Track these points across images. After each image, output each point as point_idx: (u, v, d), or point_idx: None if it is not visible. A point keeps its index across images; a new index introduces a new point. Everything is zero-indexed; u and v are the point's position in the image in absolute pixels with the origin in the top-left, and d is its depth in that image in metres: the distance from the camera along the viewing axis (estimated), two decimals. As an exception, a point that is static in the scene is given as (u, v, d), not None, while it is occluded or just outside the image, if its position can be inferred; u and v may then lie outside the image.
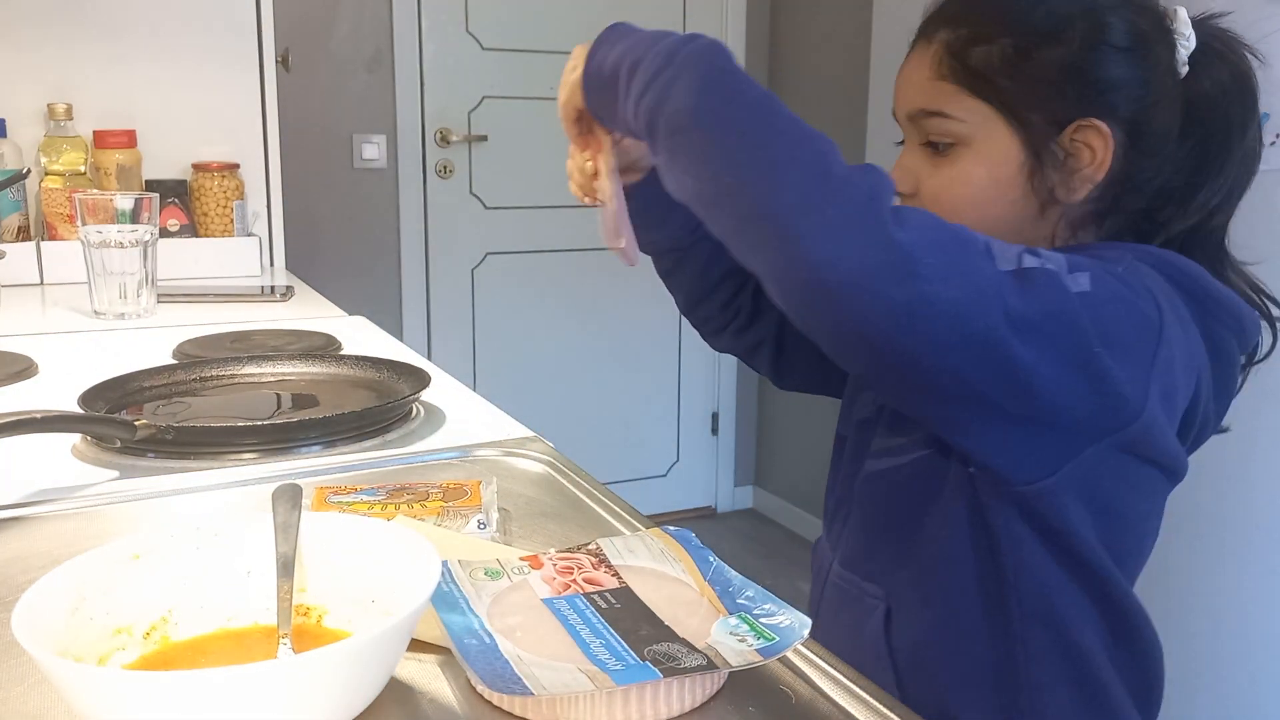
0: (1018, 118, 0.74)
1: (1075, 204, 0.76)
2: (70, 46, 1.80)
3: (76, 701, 0.41)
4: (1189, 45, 0.75)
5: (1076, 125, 0.73)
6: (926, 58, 0.77)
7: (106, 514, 0.71)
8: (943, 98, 0.76)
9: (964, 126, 0.76)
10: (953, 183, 0.77)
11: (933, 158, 0.78)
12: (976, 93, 0.75)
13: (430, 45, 2.83)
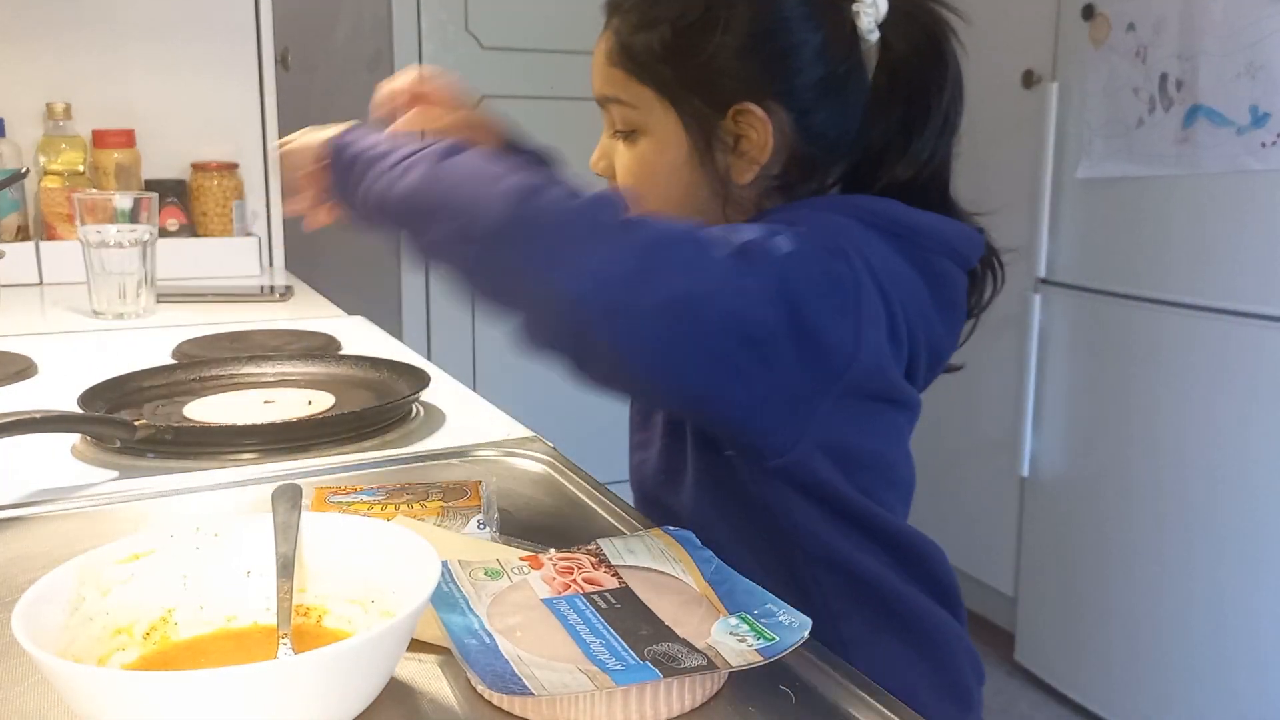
0: (679, 104, 0.76)
1: (749, 185, 0.77)
2: (69, 46, 1.80)
3: (76, 702, 0.41)
4: (874, 12, 0.75)
5: (734, 110, 0.74)
6: (603, 43, 0.79)
7: (106, 514, 0.71)
8: (616, 84, 0.78)
9: (636, 113, 0.77)
10: (633, 166, 0.79)
11: (621, 141, 0.80)
12: (641, 79, 0.76)
13: (430, 45, 2.83)
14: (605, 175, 0.82)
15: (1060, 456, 2.16)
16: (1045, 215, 2.14)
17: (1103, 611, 2.05)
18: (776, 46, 0.74)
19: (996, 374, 2.32)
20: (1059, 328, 2.15)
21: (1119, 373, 2.00)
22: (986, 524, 2.39)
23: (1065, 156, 2.10)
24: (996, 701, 2.24)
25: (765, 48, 0.74)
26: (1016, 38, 2.22)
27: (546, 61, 2.95)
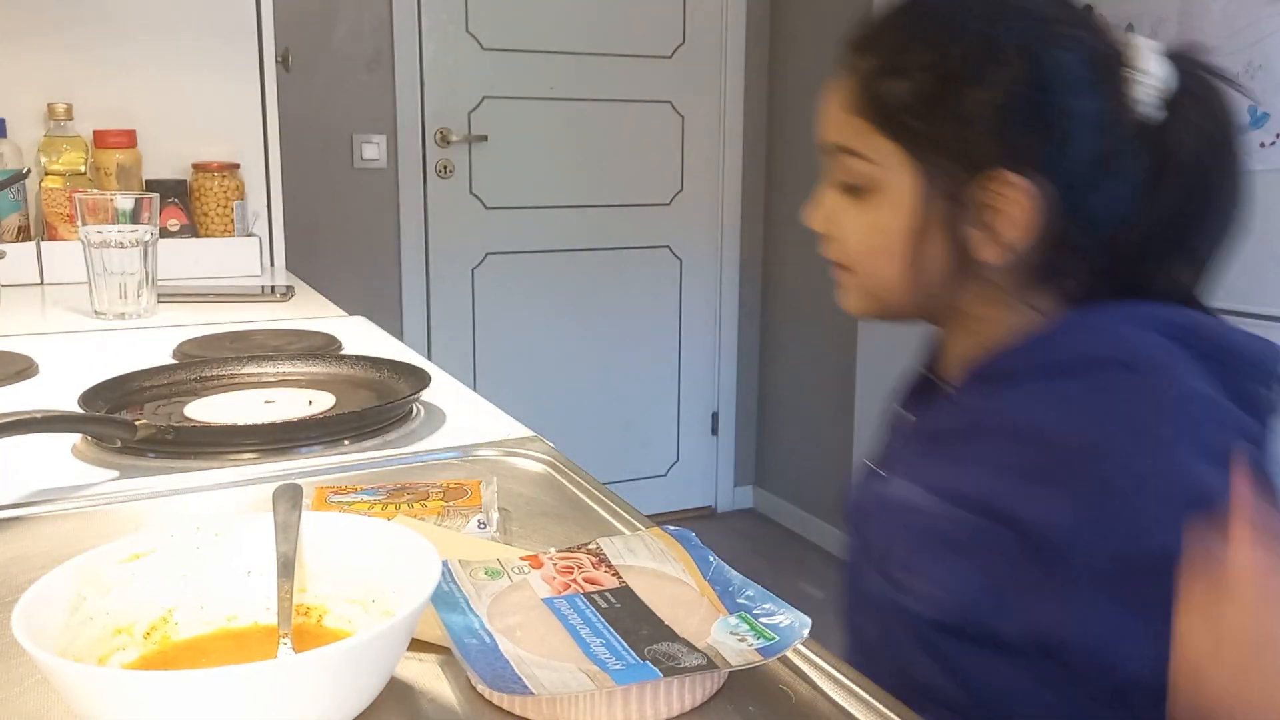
0: (927, 164, 0.67)
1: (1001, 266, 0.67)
2: (70, 46, 1.80)
3: (76, 701, 0.41)
4: (1153, 83, 0.66)
5: (989, 176, 0.65)
6: (842, 88, 0.71)
7: (106, 514, 0.71)
8: (854, 134, 0.69)
9: (873, 169, 0.69)
10: (864, 229, 0.71)
11: (845, 198, 0.72)
12: (886, 132, 0.68)
13: (430, 45, 2.83)
14: (824, 233, 0.74)
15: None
16: (1045, 215, 2.13)
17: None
18: (1051, 108, 0.64)
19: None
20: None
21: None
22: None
23: (1065, 157, 2.09)
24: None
25: (1036, 109, 0.64)
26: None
27: (546, 61, 2.96)
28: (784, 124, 3.19)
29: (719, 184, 3.23)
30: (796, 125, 3.14)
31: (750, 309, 3.35)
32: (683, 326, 3.28)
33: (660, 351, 3.26)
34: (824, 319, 3.03)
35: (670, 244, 3.21)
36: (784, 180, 3.22)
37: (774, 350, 3.33)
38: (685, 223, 3.21)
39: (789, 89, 3.16)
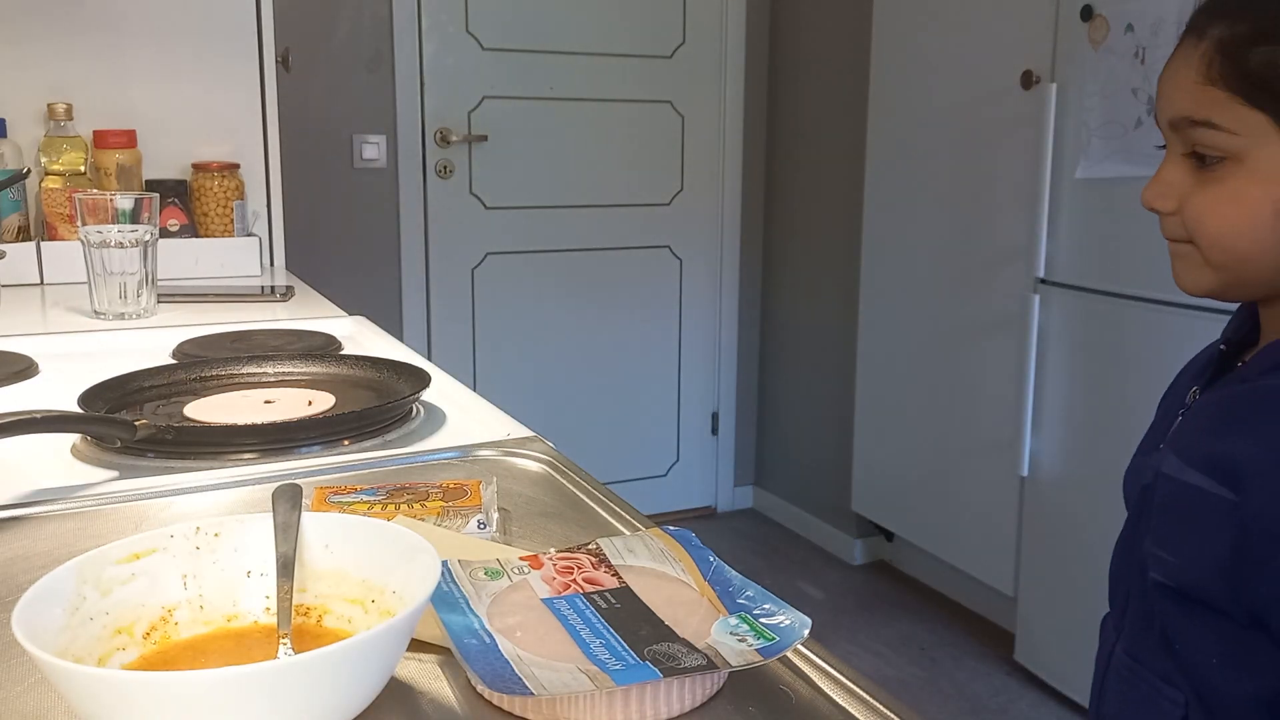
0: None
1: None
2: (70, 47, 1.80)
3: (77, 702, 0.41)
4: None
5: None
6: (1194, 57, 0.67)
7: (106, 514, 0.71)
8: (1212, 105, 0.66)
9: (1236, 140, 0.65)
10: (1220, 203, 0.67)
11: (1198, 171, 0.68)
12: (1253, 101, 0.64)
13: (430, 45, 2.83)
14: (1167, 211, 0.71)
15: (1060, 456, 2.16)
16: (1044, 216, 2.14)
17: (1102, 611, 2.05)
18: None
19: (996, 374, 2.33)
20: (1058, 328, 2.15)
21: (1118, 372, 2.00)
22: (986, 524, 2.39)
23: (1064, 157, 2.10)
24: (996, 701, 2.24)
25: None
26: (1015, 39, 2.22)
27: (546, 61, 2.96)
28: (784, 124, 3.19)
29: (719, 184, 3.23)
30: (797, 125, 3.14)
31: (750, 309, 3.35)
32: (683, 326, 3.28)
33: (660, 351, 3.26)
34: (824, 319, 3.03)
35: (670, 244, 3.21)
36: (784, 180, 3.22)
37: (774, 350, 3.33)
38: (685, 223, 3.21)
39: (789, 89, 3.16)
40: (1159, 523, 0.71)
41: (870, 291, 2.73)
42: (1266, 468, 0.63)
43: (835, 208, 2.95)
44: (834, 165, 2.95)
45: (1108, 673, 0.79)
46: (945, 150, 2.44)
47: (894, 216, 2.63)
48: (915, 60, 2.53)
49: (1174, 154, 0.70)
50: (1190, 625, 0.68)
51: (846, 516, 2.97)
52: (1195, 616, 0.67)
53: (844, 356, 2.89)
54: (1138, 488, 0.77)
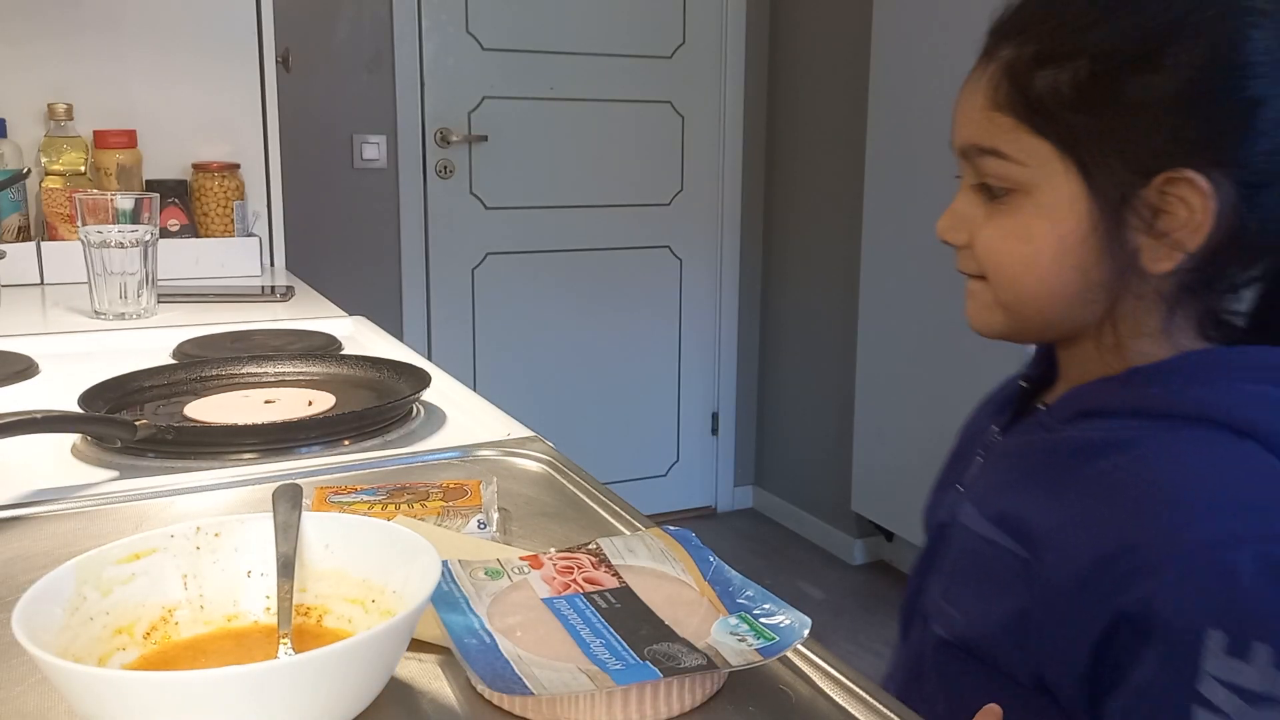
0: (1085, 163, 0.59)
1: (1161, 276, 0.60)
2: (70, 46, 1.80)
3: (77, 702, 0.41)
4: None
5: (1167, 177, 0.58)
6: (983, 81, 0.63)
7: (106, 514, 0.71)
8: (997, 133, 0.62)
9: (1024, 171, 0.61)
10: (1009, 238, 0.63)
11: (987, 204, 0.64)
12: (1038, 130, 0.60)
13: (430, 45, 2.83)
14: (959, 245, 0.67)
15: (1060, 457, 2.15)
16: (1045, 215, 2.13)
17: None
18: (1239, 97, 0.57)
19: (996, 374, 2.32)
20: (1059, 328, 2.14)
21: (1119, 373, 1.99)
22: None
23: (1065, 157, 2.09)
24: (997, 702, 2.24)
25: (1221, 98, 0.56)
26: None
27: (546, 61, 2.96)
28: (784, 124, 3.20)
29: (719, 184, 3.23)
30: (796, 125, 3.14)
31: (750, 309, 3.35)
32: (683, 326, 3.28)
33: (660, 351, 3.26)
34: (824, 319, 3.03)
35: (670, 244, 3.21)
36: (784, 180, 3.22)
37: (774, 350, 3.33)
38: (685, 223, 3.21)
39: (789, 89, 3.16)
40: (951, 574, 0.67)
41: (870, 291, 2.73)
42: (1056, 527, 0.58)
43: (835, 207, 2.95)
44: (834, 165, 2.95)
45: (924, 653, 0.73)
46: (945, 150, 2.43)
47: (894, 216, 2.63)
48: (915, 59, 2.53)
49: (967, 184, 0.66)
50: (975, 684, 0.62)
51: (846, 516, 2.97)
52: (980, 675, 0.62)
53: (844, 357, 2.89)
54: (934, 522, 0.73)
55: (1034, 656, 0.59)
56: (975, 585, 0.64)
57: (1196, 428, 0.58)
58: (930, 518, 0.75)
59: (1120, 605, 0.54)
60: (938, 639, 0.65)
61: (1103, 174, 0.59)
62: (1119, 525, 0.56)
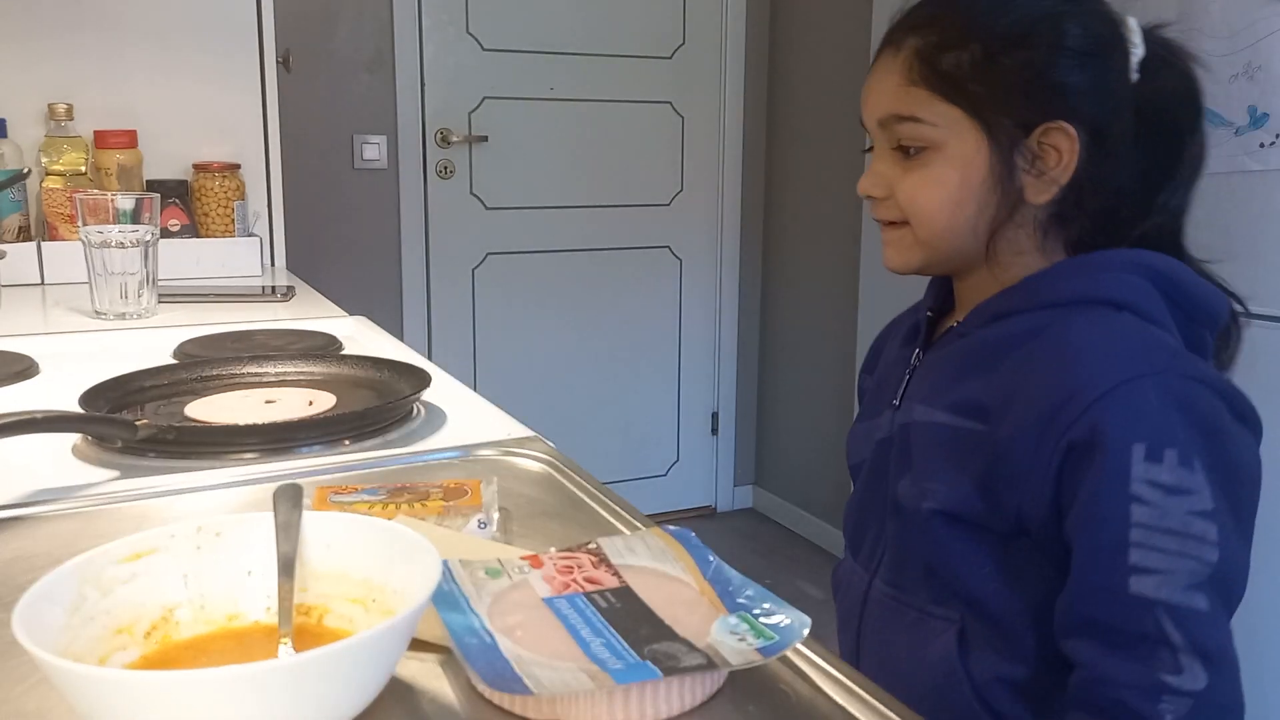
0: (987, 121, 0.76)
1: (1041, 206, 0.78)
2: (71, 47, 1.80)
3: (78, 701, 0.41)
4: (1139, 53, 0.78)
5: (1045, 128, 0.76)
6: (896, 64, 0.80)
7: (107, 514, 0.71)
8: (915, 103, 0.78)
9: (936, 131, 0.77)
10: (926, 185, 0.79)
11: (903, 162, 0.80)
12: (947, 97, 0.77)
13: (430, 46, 2.83)
14: (880, 197, 0.82)
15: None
16: (1045, 216, 2.13)
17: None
18: (1093, 65, 0.76)
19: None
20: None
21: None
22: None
23: (1065, 157, 2.09)
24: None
25: (1082, 66, 0.76)
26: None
27: (546, 62, 2.96)
28: (784, 124, 3.20)
29: (719, 184, 3.23)
30: (796, 125, 3.14)
31: (750, 309, 3.35)
32: (683, 326, 3.28)
33: (660, 351, 3.26)
34: (824, 319, 3.03)
35: (670, 244, 3.21)
36: (784, 180, 3.22)
37: (774, 350, 3.33)
38: (685, 223, 3.21)
39: (789, 89, 3.16)
40: (920, 460, 0.80)
41: (869, 291, 2.73)
42: (1004, 401, 0.74)
43: (835, 208, 2.95)
44: (834, 165, 2.95)
45: (865, 610, 0.87)
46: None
47: (894, 216, 2.63)
48: (915, 60, 2.53)
49: (882, 150, 0.81)
50: (964, 546, 0.77)
51: (847, 516, 2.97)
52: (967, 538, 0.77)
53: (844, 356, 2.89)
54: (870, 444, 0.88)
55: (1009, 502, 0.74)
56: (943, 462, 0.78)
57: (1086, 310, 0.75)
58: (862, 445, 0.91)
59: (1071, 437, 0.70)
60: (929, 511, 0.78)
61: (999, 129, 0.76)
62: (1055, 383, 0.72)
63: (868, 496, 0.89)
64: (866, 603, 0.87)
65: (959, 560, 0.77)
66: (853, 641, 0.88)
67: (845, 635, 0.90)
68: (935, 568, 0.79)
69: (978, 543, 0.77)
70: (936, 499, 0.78)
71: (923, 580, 0.81)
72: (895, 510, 0.83)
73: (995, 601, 0.76)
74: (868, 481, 0.89)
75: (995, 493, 0.75)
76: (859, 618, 0.88)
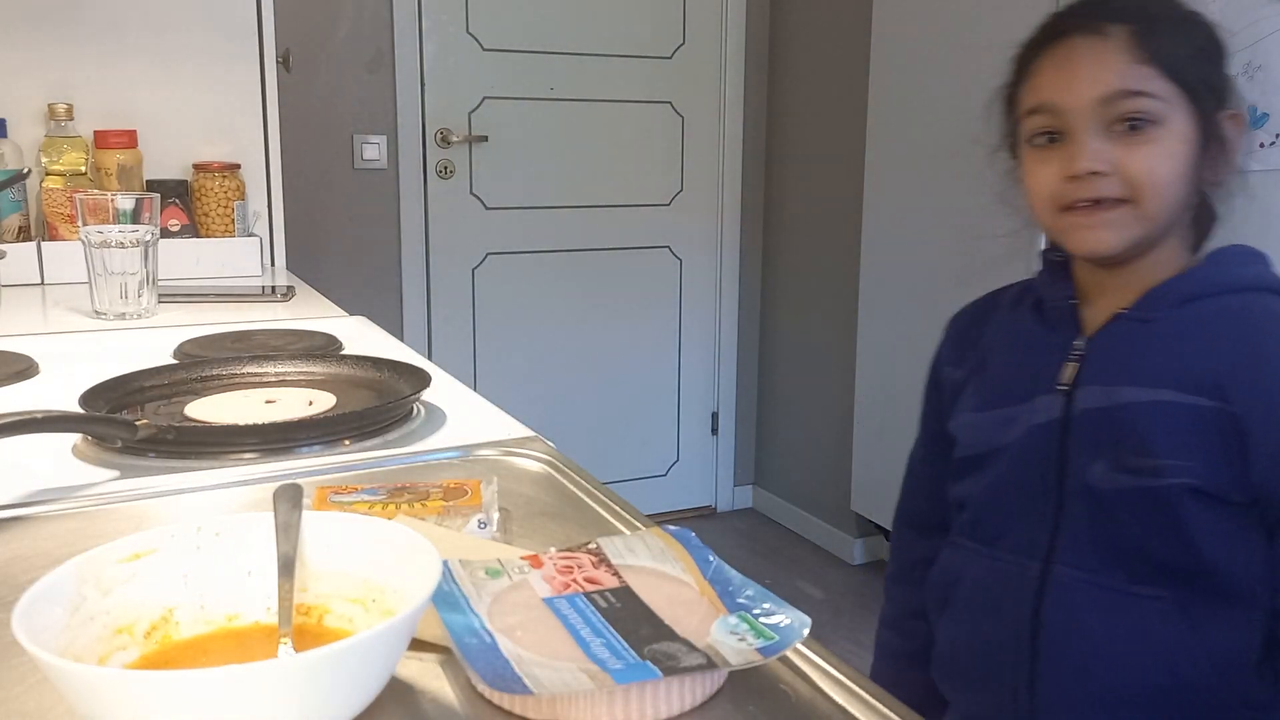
0: (1198, 100, 0.82)
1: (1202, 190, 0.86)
2: (71, 46, 1.80)
3: (77, 701, 0.41)
4: None
5: (1227, 114, 0.84)
6: (1113, 45, 0.83)
7: (107, 514, 0.71)
8: (1143, 78, 0.81)
9: (1163, 106, 0.81)
10: (1159, 158, 0.82)
11: (1125, 139, 0.82)
12: (1168, 75, 0.81)
13: (430, 45, 2.83)
14: (1106, 173, 0.83)
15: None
16: (1045, 216, 2.13)
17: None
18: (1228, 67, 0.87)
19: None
20: (1059, 328, 2.14)
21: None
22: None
23: (1065, 157, 2.09)
24: (997, 702, 2.24)
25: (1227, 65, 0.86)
26: (1015, 38, 2.22)
27: (546, 62, 2.96)
28: (784, 124, 3.20)
29: (719, 184, 3.23)
30: (796, 125, 3.14)
31: (750, 309, 3.35)
32: (683, 326, 3.28)
33: (660, 351, 3.26)
34: (824, 319, 3.03)
35: (670, 244, 3.21)
36: (784, 180, 3.22)
37: (774, 350, 3.33)
38: (685, 223, 3.21)
39: (789, 89, 3.16)
40: (1150, 440, 0.81)
41: (870, 291, 2.73)
42: (1239, 378, 0.79)
43: (835, 208, 2.95)
44: (834, 165, 2.95)
45: (1043, 596, 0.86)
46: (945, 150, 2.44)
47: (893, 216, 2.63)
48: (915, 60, 2.53)
49: (1095, 131, 0.83)
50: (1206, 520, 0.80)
51: (846, 516, 2.97)
52: (1209, 511, 0.80)
53: (844, 356, 2.89)
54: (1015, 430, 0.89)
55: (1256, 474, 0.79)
56: (1183, 439, 0.80)
57: (1265, 295, 0.84)
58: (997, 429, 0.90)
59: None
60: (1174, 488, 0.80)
61: (1204, 108, 0.82)
62: None
63: (1016, 482, 0.89)
64: (1046, 589, 0.86)
65: (1202, 535, 0.80)
66: (1023, 630, 0.87)
67: (994, 623, 0.90)
68: (1153, 546, 0.81)
69: (1218, 516, 0.80)
70: (1183, 475, 0.80)
71: (1116, 561, 0.83)
72: (1083, 493, 0.84)
73: (1231, 573, 0.80)
74: (1015, 468, 0.89)
75: (1238, 465, 0.78)
76: (1033, 604, 0.87)
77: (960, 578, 0.94)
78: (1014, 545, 0.89)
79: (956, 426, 0.95)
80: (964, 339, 0.99)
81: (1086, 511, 0.84)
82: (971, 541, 0.93)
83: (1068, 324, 0.90)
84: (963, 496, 0.94)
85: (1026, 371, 0.90)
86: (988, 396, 0.93)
